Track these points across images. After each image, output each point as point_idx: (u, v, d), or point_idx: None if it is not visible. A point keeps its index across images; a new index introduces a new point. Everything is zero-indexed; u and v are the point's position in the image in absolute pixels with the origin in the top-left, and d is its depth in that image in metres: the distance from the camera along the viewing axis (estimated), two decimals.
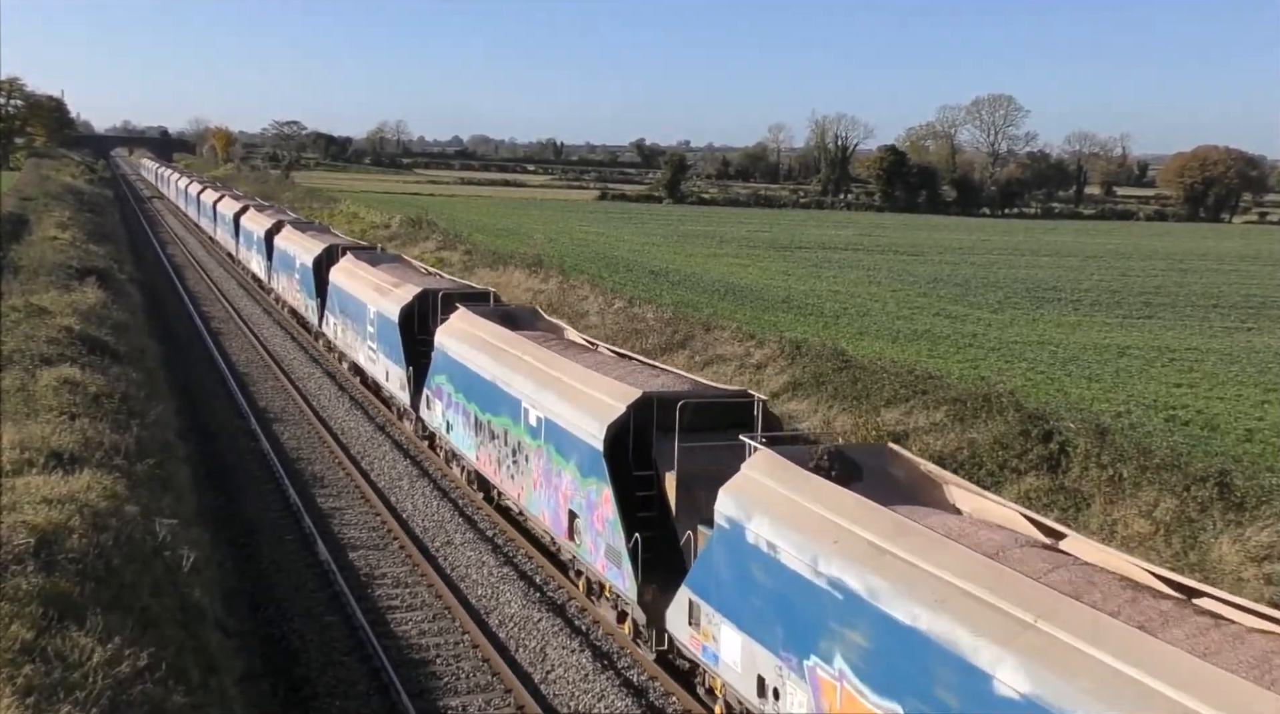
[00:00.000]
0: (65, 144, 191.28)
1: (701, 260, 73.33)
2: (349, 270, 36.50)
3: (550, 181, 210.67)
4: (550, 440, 19.57)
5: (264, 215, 58.10)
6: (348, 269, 36.84)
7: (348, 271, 36.47)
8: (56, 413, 19.51)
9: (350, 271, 36.24)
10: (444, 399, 25.84)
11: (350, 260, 37.75)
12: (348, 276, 36.08)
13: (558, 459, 19.29)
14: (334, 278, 37.39)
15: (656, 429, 17.54)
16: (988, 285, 66.09)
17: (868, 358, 31.97)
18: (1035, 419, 23.30)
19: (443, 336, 26.03)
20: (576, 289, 45.50)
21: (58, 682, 10.26)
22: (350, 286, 35.13)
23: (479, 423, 23.54)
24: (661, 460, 17.33)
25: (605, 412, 17.75)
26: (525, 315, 26.99)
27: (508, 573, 20.53)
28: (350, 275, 35.94)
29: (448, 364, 25.50)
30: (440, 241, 66.16)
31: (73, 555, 13.14)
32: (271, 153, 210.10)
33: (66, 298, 32.18)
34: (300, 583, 20.09)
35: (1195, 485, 19.28)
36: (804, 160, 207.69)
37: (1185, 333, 48.95)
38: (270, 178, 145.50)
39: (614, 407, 17.67)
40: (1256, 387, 34.54)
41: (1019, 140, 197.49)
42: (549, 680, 16.66)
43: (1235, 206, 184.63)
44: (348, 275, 36.20)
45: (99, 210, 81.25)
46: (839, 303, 53.40)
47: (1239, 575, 16.87)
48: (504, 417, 21.91)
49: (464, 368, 24.29)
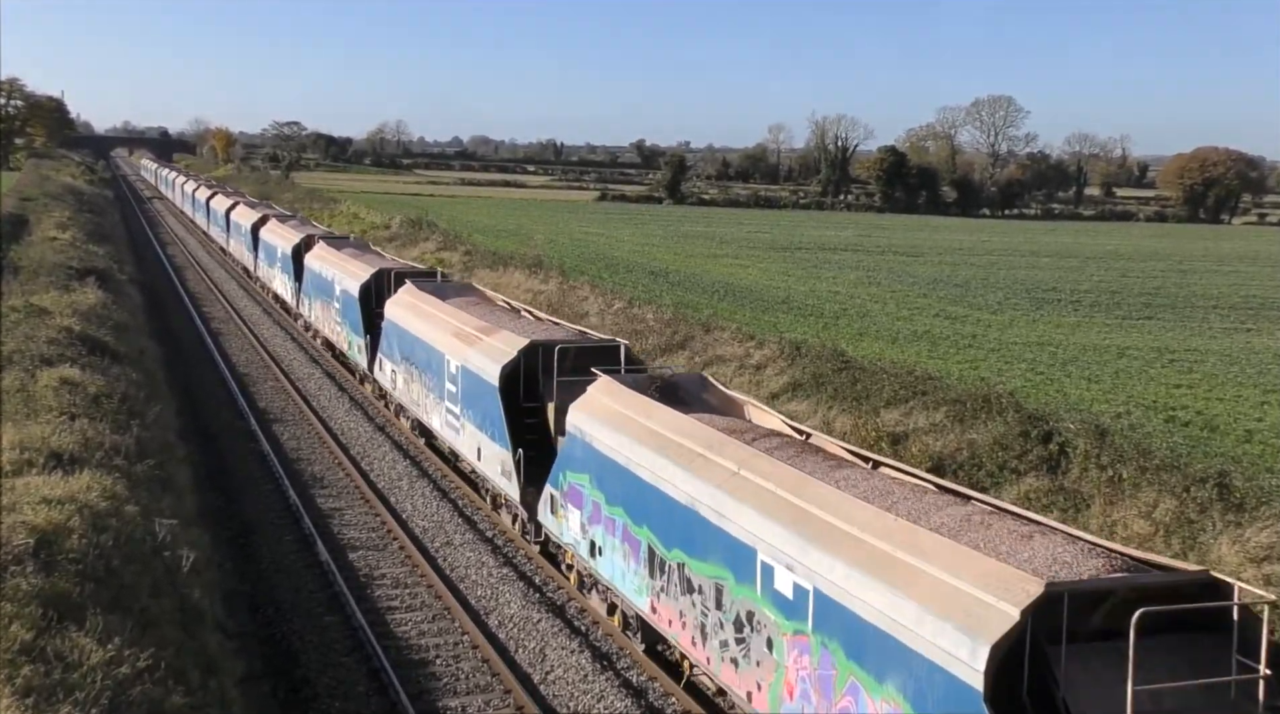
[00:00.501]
0: (65, 144, 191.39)
1: (701, 261, 73.36)
2: (412, 305, 30.35)
3: (550, 182, 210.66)
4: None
5: (289, 228, 51.96)
6: (410, 304, 30.49)
7: (411, 307, 30.35)
8: (56, 413, 19.51)
9: (414, 307, 30.14)
10: (605, 527, 17.84)
11: (411, 292, 31.26)
12: (412, 314, 29.88)
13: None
14: (391, 314, 31.09)
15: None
16: (987, 286, 66.11)
17: (867, 359, 31.98)
18: (1035, 420, 23.30)
19: (580, 415, 18.63)
20: (576, 290, 45.49)
21: (57, 682, 10.26)
22: (417, 328, 28.97)
23: None
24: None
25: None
26: (725, 413, 18.54)
27: (507, 573, 20.53)
28: (415, 312, 29.73)
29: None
30: (440, 242, 66.22)
31: (72, 556, 13.14)
32: (271, 153, 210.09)
33: (66, 298, 32.18)
34: (300, 584, 20.09)
35: (1195, 486, 19.28)
36: (804, 161, 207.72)
37: (1185, 334, 48.97)
38: (270, 178, 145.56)
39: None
40: (1256, 387, 34.55)
41: (1019, 141, 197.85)
42: (548, 681, 16.66)
43: (1235, 208, 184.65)
44: (412, 312, 29.94)
45: (99, 211, 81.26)
46: (839, 304, 53.41)
47: (1238, 576, 16.86)
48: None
49: (615, 464, 17.34)
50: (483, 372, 22.71)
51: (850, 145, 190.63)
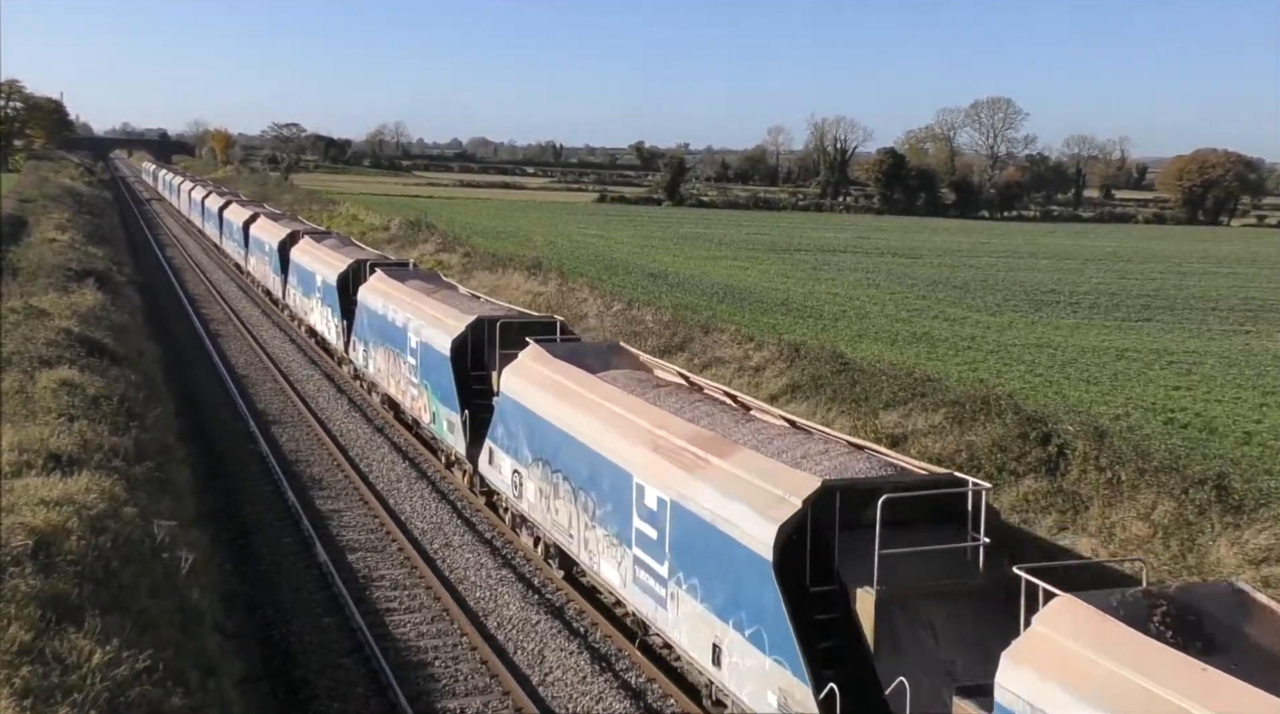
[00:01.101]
0: (64, 146, 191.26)
1: (700, 263, 73.34)
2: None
3: (549, 184, 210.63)
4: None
5: (328, 250, 42.31)
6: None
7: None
8: (55, 415, 19.51)
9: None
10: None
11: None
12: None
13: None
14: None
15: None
16: (986, 288, 66.11)
17: (866, 360, 31.96)
18: (1034, 421, 23.29)
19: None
20: (576, 291, 45.49)
21: (56, 684, 10.26)
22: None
23: None
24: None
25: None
26: None
27: (506, 575, 20.53)
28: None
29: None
30: (439, 244, 66.24)
31: (71, 557, 13.14)
32: (270, 155, 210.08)
33: (65, 300, 32.19)
34: (299, 585, 20.09)
35: (1193, 488, 19.28)
36: (803, 163, 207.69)
37: (1184, 336, 48.97)
38: (269, 180, 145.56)
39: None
40: (1255, 389, 34.53)
41: (1018, 143, 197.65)
42: (547, 682, 16.66)
43: (1234, 209, 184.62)
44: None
45: (98, 212, 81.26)
46: (838, 305, 53.41)
47: (1238, 577, 16.87)
48: None
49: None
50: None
51: (849, 147, 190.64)
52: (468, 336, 24.85)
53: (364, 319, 32.68)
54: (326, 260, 40.07)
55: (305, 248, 44.21)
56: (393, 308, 29.78)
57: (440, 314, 26.81)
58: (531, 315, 27.02)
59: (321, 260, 40.71)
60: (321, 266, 40.06)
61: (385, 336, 30.34)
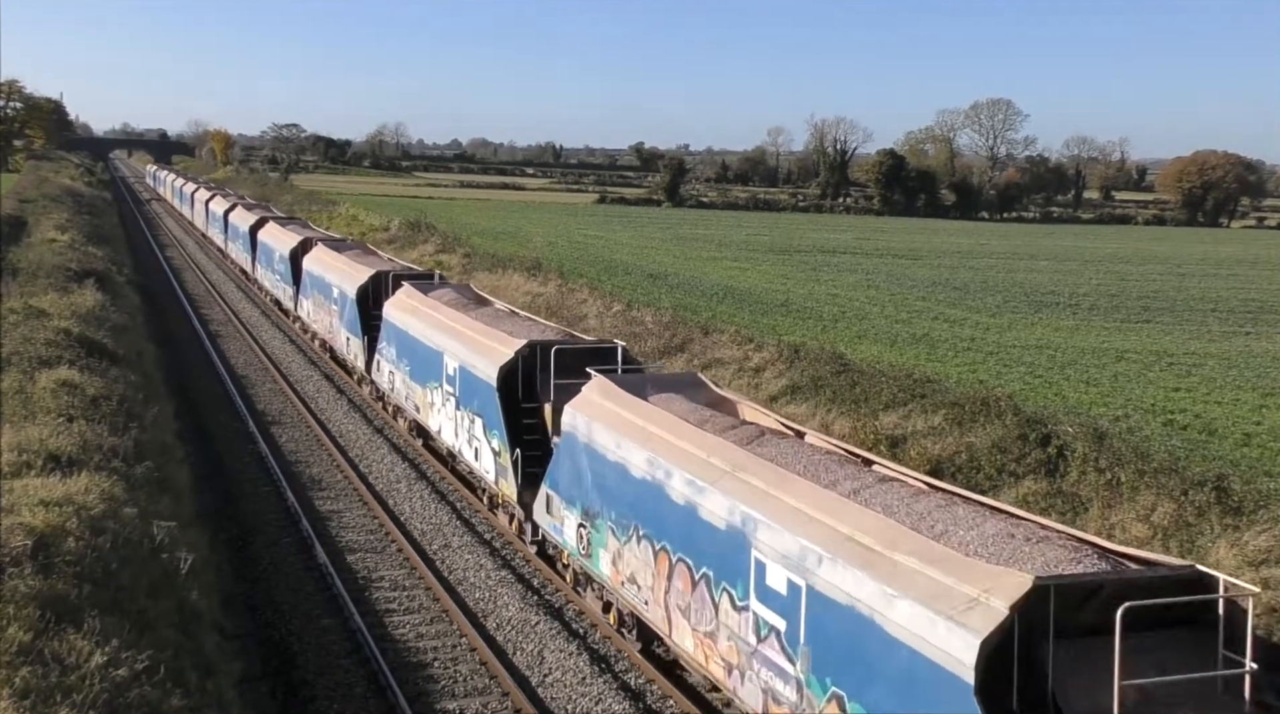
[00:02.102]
0: (64, 146, 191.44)
1: (700, 264, 73.33)
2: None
3: (549, 185, 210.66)
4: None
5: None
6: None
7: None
8: (54, 415, 19.50)
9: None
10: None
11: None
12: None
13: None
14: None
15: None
16: (986, 289, 66.10)
17: (866, 361, 31.99)
18: (1033, 423, 23.31)
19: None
20: (575, 292, 45.51)
21: (55, 684, 10.25)
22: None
23: None
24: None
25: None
26: None
27: (505, 576, 20.52)
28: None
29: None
30: (439, 244, 66.28)
31: (70, 558, 13.12)
32: (270, 155, 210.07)
33: (65, 300, 32.17)
34: (298, 585, 20.08)
35: (1193, 490, 19.30)
36: (803, 164, 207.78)
37: (1183, 337, 48.96)
38: (269, 180, 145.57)
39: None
40: (1254, 391, 34.54)
41: (1018, 144, 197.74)
42: (546, 684, 16.65)
43: (1233, 211, 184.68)
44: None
45: (97, 212, 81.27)
46: (838, 306, 53.39)
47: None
48: None
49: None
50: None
51: (849, 148, 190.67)
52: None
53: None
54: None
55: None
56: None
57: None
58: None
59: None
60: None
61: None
